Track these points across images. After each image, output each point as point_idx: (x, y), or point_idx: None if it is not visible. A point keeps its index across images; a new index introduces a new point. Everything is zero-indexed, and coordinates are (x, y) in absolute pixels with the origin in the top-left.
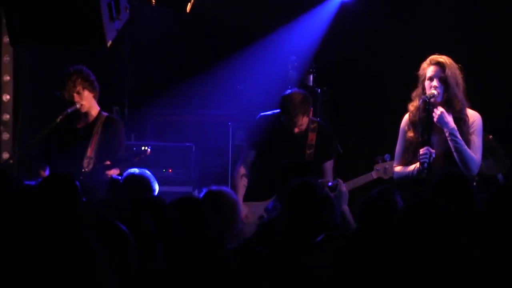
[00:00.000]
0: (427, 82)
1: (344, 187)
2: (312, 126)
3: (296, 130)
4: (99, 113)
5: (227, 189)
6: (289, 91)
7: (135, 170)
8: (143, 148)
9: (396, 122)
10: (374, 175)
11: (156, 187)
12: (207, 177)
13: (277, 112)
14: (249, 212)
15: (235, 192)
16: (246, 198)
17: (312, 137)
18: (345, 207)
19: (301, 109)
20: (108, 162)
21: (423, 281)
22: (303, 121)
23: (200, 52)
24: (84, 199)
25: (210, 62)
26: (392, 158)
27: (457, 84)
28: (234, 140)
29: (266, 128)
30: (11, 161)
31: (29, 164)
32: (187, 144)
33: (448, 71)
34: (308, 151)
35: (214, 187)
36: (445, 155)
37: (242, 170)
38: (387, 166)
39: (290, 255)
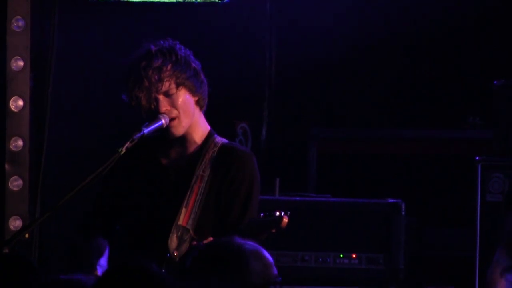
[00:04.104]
0: None
1: None
2: None
3: None
4: (208, 137)
5: None
6: None
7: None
8: (277, 213)
9: None
10: None
11: None
12: (433, 266)
13: None
14: None
15: None
16: None
17: None
18: None
19: None
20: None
21: None
22: None
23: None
24: None
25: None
26: None
27: None
28: (487, 192)
29: None
30: (27, 235)
31: (66, 242)
32: (390, 200)
33: None
34: None
35: None
36: None
37: (504, 262)
38: None
39: None
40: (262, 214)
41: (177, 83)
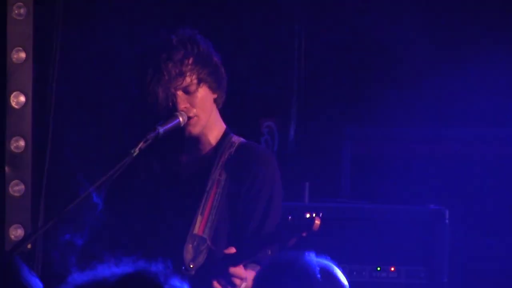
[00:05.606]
0: None
1: None
2: None
3: None
4: (224, 137)
5: None
6: None
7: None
8: (307, 215)
9: None
10: None
11: None
12: (480, 281)
13: None
14: None
15: None
16: None
17: None
18: None
19: None
20: (234, 250)
21: None
22: None
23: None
24: None
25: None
26: None
27: None
28: None
29: None
30: (29, 246)
31: (69, 252)
32: (432, 207)
33: None
34: None
35: None
36: None
37: None
38: None
39: None
40: (290, 217)
41: (198, 79)
